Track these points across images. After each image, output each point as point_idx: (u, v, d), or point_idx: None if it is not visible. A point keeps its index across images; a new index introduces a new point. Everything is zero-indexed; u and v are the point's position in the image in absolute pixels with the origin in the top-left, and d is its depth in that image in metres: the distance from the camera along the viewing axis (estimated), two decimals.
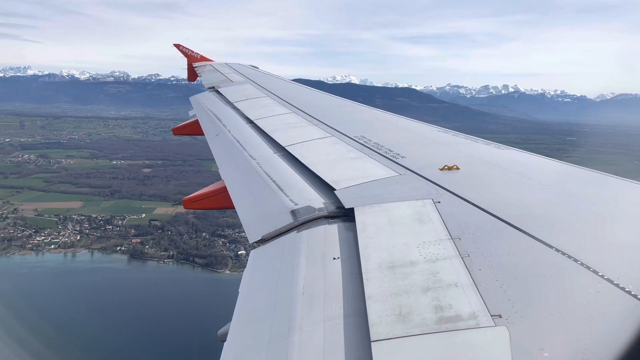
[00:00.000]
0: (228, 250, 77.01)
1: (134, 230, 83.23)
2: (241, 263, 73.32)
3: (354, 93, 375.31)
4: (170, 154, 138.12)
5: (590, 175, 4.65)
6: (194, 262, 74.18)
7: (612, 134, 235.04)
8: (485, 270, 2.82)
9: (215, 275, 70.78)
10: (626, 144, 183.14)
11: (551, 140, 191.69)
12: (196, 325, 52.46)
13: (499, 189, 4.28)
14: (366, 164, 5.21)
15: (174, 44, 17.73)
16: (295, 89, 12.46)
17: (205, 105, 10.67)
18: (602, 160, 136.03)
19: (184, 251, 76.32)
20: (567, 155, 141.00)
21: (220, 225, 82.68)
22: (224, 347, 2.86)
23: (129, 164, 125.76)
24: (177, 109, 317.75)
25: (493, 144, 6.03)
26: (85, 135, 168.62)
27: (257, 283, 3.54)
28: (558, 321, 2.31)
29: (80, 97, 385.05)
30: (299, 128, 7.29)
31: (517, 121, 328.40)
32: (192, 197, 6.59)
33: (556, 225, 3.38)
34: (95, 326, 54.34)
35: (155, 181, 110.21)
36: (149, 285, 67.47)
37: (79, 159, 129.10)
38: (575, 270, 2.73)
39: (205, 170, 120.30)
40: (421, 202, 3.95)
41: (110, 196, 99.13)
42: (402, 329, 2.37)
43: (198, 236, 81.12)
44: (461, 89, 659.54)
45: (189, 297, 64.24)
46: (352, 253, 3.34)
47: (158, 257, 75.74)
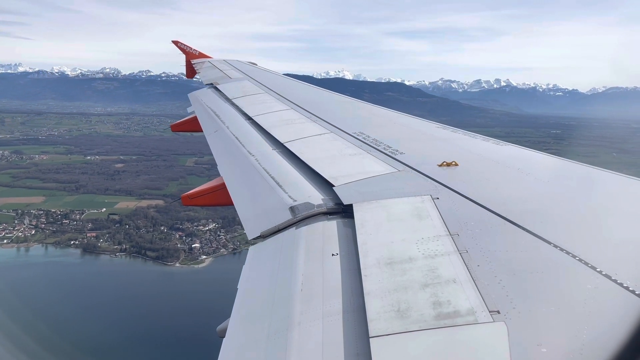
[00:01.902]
0: (183, 244, 77.36)
1: (92, 224, 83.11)
2: (193, 256, 74.02)
3: (342, 88, 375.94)
4: (146, 150, 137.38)
5: (589, 172, 4.66)
6: (146, 255, 74.27)
7: (598, 127, 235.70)
8: (484, 266, 2.82)
9: (163, 268, 71.05)
10: (608, 136, 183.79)
11: (535, 133, 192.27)
12: (122, 317, 54.12)
13: (498, 185, 4.29)
14: (365, 160, 5.21)
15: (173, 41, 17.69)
16: (293, 86, 12.44)
17: (203, 101, 10.65)
18: (580, 153, 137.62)
19: (137, 245, 76.28)
20: (547, 148, 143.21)
21: (180, 219, 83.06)
22: (223, 343, 2.86)
23: (102, 160, 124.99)
24: (163, 105, 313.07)
25: (492, 140, 6.03)
26: (65, 132, 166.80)
27: (256, 279, 3.54)
28: (556, 317, 2.32)
29: (68, 94, 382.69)
30: (298, 124, 7.28)
31: (504, 115, 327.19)
32: (191, 193, 6.58)
33: (554, 221, 3.39)
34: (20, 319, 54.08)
35: (124, 176, 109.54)
36: (88, 278, 67.48)
37: (54, 155, 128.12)
38: (574, 266, 2.73)
39: (178, 165, 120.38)
40: (420, 198, 3.95)
41: (75, 191, 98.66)
42: (400, 325, 2.37)
43: (156, 230, 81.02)
44: (453, 84, 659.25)
45: (125, 289, 64.63)
46: (350, 249, 3.35)
47: (111, 251, 75.82)
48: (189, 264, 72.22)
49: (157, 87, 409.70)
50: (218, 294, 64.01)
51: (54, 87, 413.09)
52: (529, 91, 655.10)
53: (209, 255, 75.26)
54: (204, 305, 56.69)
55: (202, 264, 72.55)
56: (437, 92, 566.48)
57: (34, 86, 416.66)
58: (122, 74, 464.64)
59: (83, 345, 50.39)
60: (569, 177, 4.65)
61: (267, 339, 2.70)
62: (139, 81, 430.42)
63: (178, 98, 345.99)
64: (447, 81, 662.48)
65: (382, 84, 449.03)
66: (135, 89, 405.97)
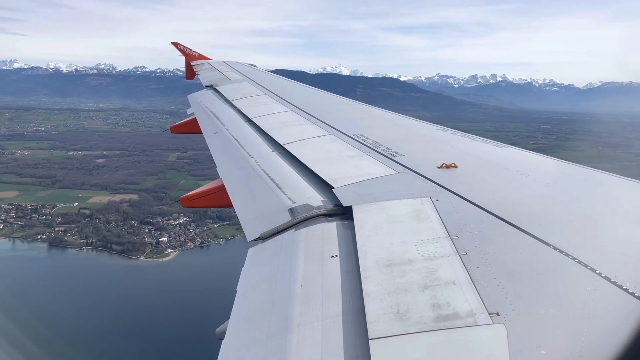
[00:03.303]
0: (151, 238, 77.57)
1: (61, 218, 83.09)
2: (159, 250, 74.42)
3: (335, 83, 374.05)
4: (131, 145, 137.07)
5: (588, 174, 4.66)
6: (111, 249, 74.56)
7: (589, 121, 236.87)
8: (483, 268, 2.82)
9: (126, 262, 71.44)
10: (597, 131, 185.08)
11: (525, 128, 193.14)
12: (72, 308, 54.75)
13: (497, 187, 4.29)
14: (364, 162, 5.21)
15: (172, 42, 17.69)
16: (293, 88, 12.45)
17: (203, 103, 10.65)
18: (566, 147, 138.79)
19: (104, 239, 76.48)
20: (534, 143, 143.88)
21: (153, 213, 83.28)
22: (222, 345, 2.86)
23: (85, 155, 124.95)
24: (155, 101, 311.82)
25: (491, 142, 6.04)
26: (52, 127, 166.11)
27: (255, 281, 3.54)
28: (556, 319, 2.31)
29: (60, 90, 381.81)
30: (297, 126, 7.29)
31: (497, 110, 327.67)
32: (190, 195, 6.57)
33: (554, 223, 3.39)
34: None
35: (103, 171, 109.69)
36: (49, 272, 67.72)
37: (36, 150, 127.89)
38: (573, 268, 2.73)
39: (160, 160, 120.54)
40: (419, 200, 3.95)
41: (51, 186, 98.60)
42: (400, 327, 2.37)
43: (126, 224, 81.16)
44: (449, 79, 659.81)
45: (81, 283, 65.13)
46: (350, 251, 3.34)
47: (77, 245, 75.97)
48: (154, 258, 72.59)
49: (150, 83, 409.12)
50: (171, 287, 63.02)
51: (46, 83, 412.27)
52: (524, 86, 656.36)
53: (175, 249, 75.69)
54: (154, 297, 58.92)
55: (166, 258, 73.06)
56: (433, 87, 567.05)
57: (27, 82, 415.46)
58: (117, 70, 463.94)
59: (23, 335, 51.14)
60: (569, 179, 4.65)
61: (266, 341, 2.70)
62: (132, 77, 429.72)
63: (171, 94, 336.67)
64: (443, 76, 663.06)
65: (376, 79, 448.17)
66: (128, 84, 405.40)
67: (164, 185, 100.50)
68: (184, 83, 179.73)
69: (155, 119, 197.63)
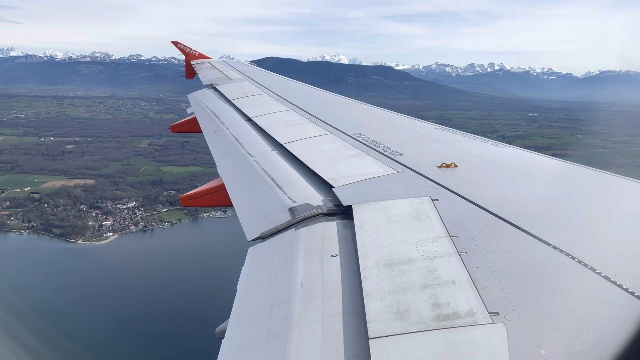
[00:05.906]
0: (95, 221, 77.75)
1: (9, 202, 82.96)
2: (99, 233, 74.60)
3: (327, 71, 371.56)
4: (107, 131, 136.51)
5: (588, 173, 4.66)
6: (51, 232, 74.73)
7: (579, 110, 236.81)
8: (483, 267, 2.82)
9: (63, 245, 71.70)
10: (582, 119, 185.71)
11: (512, 116, 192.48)
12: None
13: (497, 187, 4.29)
14: (364, 162, 5.21)
15: (172, 42, 17.69)
16: (293, 87, 12.45)
17: (203, 102, 10.65)
18: (545, 134, 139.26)
19: (46, 222, 76.54)
20: (514, 130, 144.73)
21: (104, 198, 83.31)
22: (222, 344, 2.86)
23: (56, 141, 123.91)
24: (145, 89, 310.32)
25: (491, 142, 6.04)
26: (32, 115, 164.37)
27: (255, 280, 3.54)
28: (556, 318, 2.32)
29: (51, 78, 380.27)
30: (297, 125, 7.29)
31: (488, 98, 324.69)
32: (190, 194, 6.57)
33: (554, 222, 3.38)
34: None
35: (68, 157, 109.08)
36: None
37: (9, 137, 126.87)
38: (573, 267, 2.73)
39: (130, 147, 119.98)
40: (419, 199, 3.95)
41: (9, 171, 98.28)
42: (400, 327, 2.37)
43: (74, 208, 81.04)
44: (447, 68, 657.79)
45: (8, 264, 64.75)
46: (350, 250, 3.35)
47: (18, 229, 76.13)
48: (92, 241, 72.77)
49: (141, 70, 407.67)
50: (88, 267, 62.46)
51: (38, 70, 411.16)
52: (522, 75, 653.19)
53: (116, 232, 75.84)
54: (70, 278, 59.18)
55: (104, 241, 73.39)
56: (431, 76, 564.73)
57: (19, 70, 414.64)
58: (112, 58, 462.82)
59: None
60: (568, 179, 4.65)
61: (266, 340, 2.70)
62: (123, 65, 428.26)
63: (161, 82, 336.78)
64: (441, 65, 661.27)
65: (369, 67, 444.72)
66: (119, 72, 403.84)
67: (124, 171, 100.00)
68: (174, 71, 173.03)
69: (140, 107, 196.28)
